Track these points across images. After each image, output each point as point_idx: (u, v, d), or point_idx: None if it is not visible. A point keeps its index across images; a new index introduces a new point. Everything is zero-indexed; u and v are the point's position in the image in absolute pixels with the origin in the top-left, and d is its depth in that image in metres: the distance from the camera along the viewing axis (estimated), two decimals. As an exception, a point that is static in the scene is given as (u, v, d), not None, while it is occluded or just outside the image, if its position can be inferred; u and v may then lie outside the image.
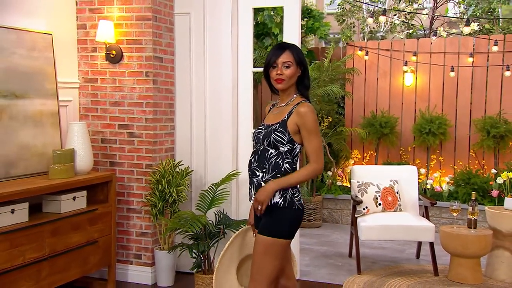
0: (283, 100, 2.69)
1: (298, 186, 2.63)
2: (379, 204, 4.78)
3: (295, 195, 2.57)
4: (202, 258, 4.06)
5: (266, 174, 2.58)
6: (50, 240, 3.50)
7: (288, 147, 2.57)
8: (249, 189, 2.70)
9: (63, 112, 4.18)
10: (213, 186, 4.14)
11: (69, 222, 3.67)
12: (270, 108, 2.80)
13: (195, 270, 4.07)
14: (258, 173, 2.61)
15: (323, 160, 2.56)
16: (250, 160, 2.69)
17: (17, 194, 3.25)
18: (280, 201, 2.56)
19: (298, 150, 2.61)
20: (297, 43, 4.20)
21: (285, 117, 2.58)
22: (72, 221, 3.69)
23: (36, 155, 3.81)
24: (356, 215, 4.73)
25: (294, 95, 2.66)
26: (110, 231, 4.06)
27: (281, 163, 2.57)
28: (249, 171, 2.68)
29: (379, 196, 4.79)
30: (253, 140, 2.75)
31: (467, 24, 5.85)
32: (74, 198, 3.75)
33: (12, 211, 3.26)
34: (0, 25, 3.62)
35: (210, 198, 4.15)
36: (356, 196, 4.79)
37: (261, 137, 2.63)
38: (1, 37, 3.60)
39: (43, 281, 3.45)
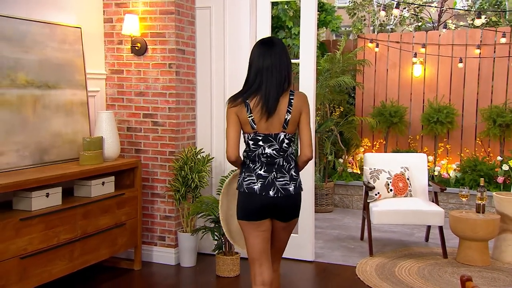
0: None
1: (255, 170, 2.57)
2: (391, 190, 4.79)
3: (245, 179, 2.57)
4: (223, 240, 4.11)
5: None
6: (82, 222, 3.56)
7: None
8: None
9: (91, 102, 4.23)
10: (232, 172, 4.17)
11: (99, 205, 3.73)
12: None
13: (216, 251, 4.12)
14: None
15: (228, 148, 2.56)
16: None
17: (51, 179, 3.32)
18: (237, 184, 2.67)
19: (246, 137, 2.60)
20: (313, 35, 4.22)
21: None
22: (101, 205, 3.75)
23: (67, 142, 3.87)
24: (368, 200, 4.75)
25: None
26: (136, 214, 4.12)
27: None
28: None
29: (390, 182, 4.80)
30: None
31: (479, 16, 5.78)
32: (103, 183, 3.81)
33: (47, 195, 3.33)
34: (36, 19, 3.67)
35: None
36: (369, 182, 4.80)
37: None
38: (36, 31, 3.65)
39: (76, 261, 3.52)
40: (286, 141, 2.56)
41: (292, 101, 2.53)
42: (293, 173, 2.60)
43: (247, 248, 2.66)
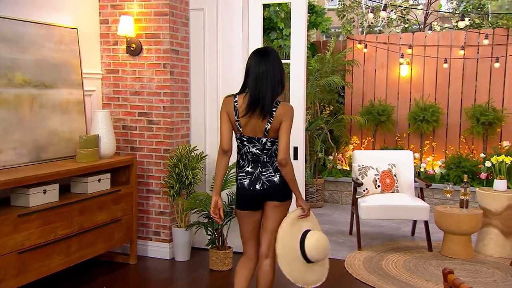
0: None
1: (244, 167, 2.81)
2: (378, 186, 4.80)
3: (238, 175, 2.85)
4: (216, 235, 4.10)
5: None
6: (78, 218, 3.54)
7: None
8: None
9: (88, 101, 4.20)
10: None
11: (95, 202, 3.71)
12: None
13: (209, 246, 4.12)
14: None
15: (222, 139, 2.78)
16: None
17: (48, 176, 3.29)
18: None
19: (235, 136, 2.82)
20: (304, 37, 4.20)
21: None
22: (97, 201, 3.73)
23: (64, 140, 3.84)
24: (357, 196, 4.76)
25: None
26: (132, 210, 4.10)
27: None
28: None
29: (378, 178, 4.81)
30: None
31: (462, 19, 5.81)
32: (99, 180, 3.79)
33: (44, 192, 3.30)
34: (33, 20, 3.63)
35: (223, 181, 4.16)
36: (357, 179, 4.81)
37: None
38: (33, 32, 3.62)
39: (73, 255, 3.50)
40: (269, 143, 2.76)
41: (274, 112, 2.70)
42: (277, 166, 2.78)
43: (241, 232, 2.95)
